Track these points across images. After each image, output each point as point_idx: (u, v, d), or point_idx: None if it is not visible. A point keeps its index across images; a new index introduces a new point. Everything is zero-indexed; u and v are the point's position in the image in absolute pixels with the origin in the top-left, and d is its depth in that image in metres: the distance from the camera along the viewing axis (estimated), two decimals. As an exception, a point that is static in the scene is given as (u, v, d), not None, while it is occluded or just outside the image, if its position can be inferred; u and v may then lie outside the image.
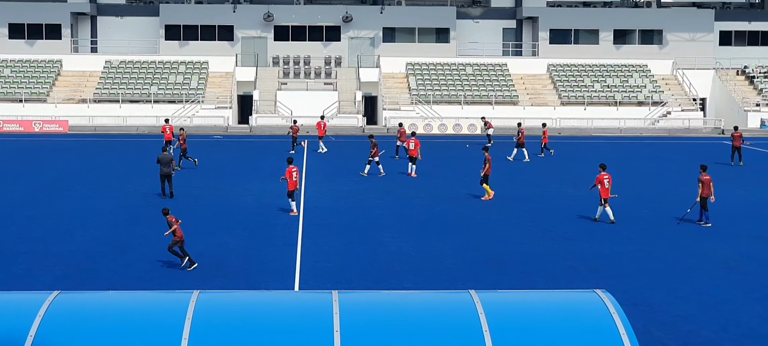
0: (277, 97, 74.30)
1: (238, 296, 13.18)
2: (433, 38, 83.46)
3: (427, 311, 11.92)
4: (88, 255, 26.07)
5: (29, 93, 73.96)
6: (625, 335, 11.16)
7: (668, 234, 30.11)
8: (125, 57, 79.25)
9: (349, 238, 28.81)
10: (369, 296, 13.26)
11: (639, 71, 79.96)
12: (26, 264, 24.92)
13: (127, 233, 29.39)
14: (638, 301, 21.49)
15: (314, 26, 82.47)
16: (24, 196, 37.00)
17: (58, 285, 21.84)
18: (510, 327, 11.33)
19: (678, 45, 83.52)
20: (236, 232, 29.63)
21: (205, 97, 74.51)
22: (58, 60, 78.40)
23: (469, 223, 31.65)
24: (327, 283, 22.89)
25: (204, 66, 78.28)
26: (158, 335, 11.03)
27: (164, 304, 12.04)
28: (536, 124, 72.60)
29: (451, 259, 26.11)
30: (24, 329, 10.97)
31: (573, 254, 26.85)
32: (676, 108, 75.73)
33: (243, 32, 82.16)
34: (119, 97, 73.77)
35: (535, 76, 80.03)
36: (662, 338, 18.91)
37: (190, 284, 22.53)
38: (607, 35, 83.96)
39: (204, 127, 70.63)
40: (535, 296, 13.08)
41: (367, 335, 11.13)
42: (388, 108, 74.08)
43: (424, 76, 78.04)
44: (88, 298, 12.50)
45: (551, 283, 23.38)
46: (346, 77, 78.15)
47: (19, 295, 13.47)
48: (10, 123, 69.35)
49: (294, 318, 11.55)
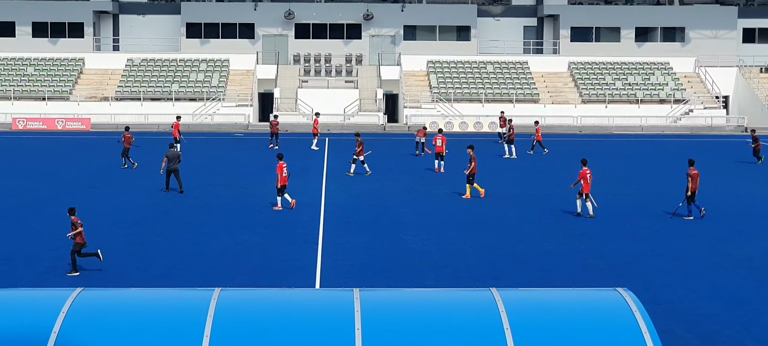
0: (298, 95, 74.38)
1: (259, 293, 13.20)
2: (454, 36, 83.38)
3: (448, 308, 11.90)
4: (110, 252, 26.14)
5: (52, 91, 74.31)
6: (647, 334, 11.11)
7: (691, 232, 29.98)
8: (147, 55, 79.51)
9: (370, 236, 28.82)
10: (390, 294, 13.25)
11: (661, 69, 79.63)
12: (49, 261, 25.04)
13: (149, 230, 29.50)
14: (660, 299, 21.40)
15: (335, 24, 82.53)
16: (47, 193, 37.18)
17: (81, 282, 21.95)
18: (531, 325, 11.30)
19: (700, 42, 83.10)
20: (257, 229, 29.68)
21: (226, 95, 74.67)
22: (81, 58, 78.74)
23: (489, 221, 31.61)
24: (348, 281, 22.90)
25: (225, 64, 78.45)
26: (180, 331, 11.06)
27: (186, 301, 12.08)
28: (558, 122, 72.53)
29: (472, 256, 26.08)
30: (48, 325, 11.03)
31: (594, 252, 26.78)
32: (698, 106, 75.39)
33: (264, 30, 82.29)
34: (141, 95, 74.02)
35: (556, 74, 79.81)
36: (685, 337, 18.84)
37: (211, 282, 22.58)
38: (629, 33, 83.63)
39: (225, 125, 70.79)
40: (557, 294, 13.04)
41: (388, 332, 11.13)
42: (409, 106, 74.06)
43: (445, 74, 77.98)
44: (110, 295, 12.55)
45: (572, 281, 23.33)
46: (367, 75, 78.15)
47: (42, 291, 13.55)
48: (33, 121, 69.69)
49: (315, 316, 11.56)
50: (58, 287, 19.38)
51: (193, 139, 59.30)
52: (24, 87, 74.64)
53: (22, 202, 34.94)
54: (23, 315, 11.35)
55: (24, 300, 12.09)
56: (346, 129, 69.00)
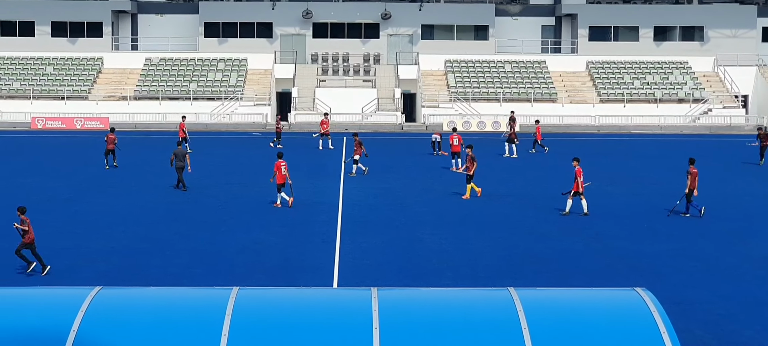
0: (316, 95, 74.43)
1: (277, 292, 13.22)
2: (471, 35, 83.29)
3: (466, 308, 11.89)
4: (128, 251, 26.25)
5: (71, 90, 74.60)
6: (666, 334, 11.07)
7: (709, 232, 29.86)
8: (165, 54, 79.72)
9: (388, 235, 28.82)
10: (408, 293, 13.24)
11: (680, 68, 79.34)
12: (68, 259, 25.14)
13: (167, 229, 29.58)
14: (679, 299, 21.32)
15: (353, 23, 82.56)
16: (66, 192, 37.34)
17: (100, 281, 22.01)
18: (549, 325, 11.27)
19: (720, 41, 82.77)
20: (275, 229, 29.71)
21: (244, 94, 74.79)
22: (99, 58, 79.02)
23: (507, 220, 31.57)
24: (366, 280, 22.90)
25: (243, 63, 78.58)
26: (198, 330, 11.09)
27: (204, 300, 12.10)
28: (575, 122, 72.38)
29: (490, 256, 26.05)
30: (67, 323, 11.07)
31: (612, 252, 26.71)
32: (717, 105, 75.08)
33: (282, 29, 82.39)
34: (159, 94, 74.22)
35: (574, 73, 79.63)
36: (704, 338, 18.76)
37: (229, 281, 22.62)
38: (648, 32, 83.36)
39: (243, 125, 70.92)
40: (575, 293, 13.00)
41: (406, 331, 11.13)
42: (427, 105, 74.02)
43: (463, 74, 77.91)
44: (129, 293, 12.58)
45: (590, 281, 23.27)
46: (385, 74, 78.15)
47: (61, 290, 13.61)
48: (52, 120, 69.97)
49: (333, 315, 11.56)
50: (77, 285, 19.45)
51: (211, 139, 59.46)
52: (43, 86, 74.94)
53: (40, 200, 35.08)
54: (42, 313, 11.40)
55: (43, 298, 12.14)
56: (363, 128, 69.04)
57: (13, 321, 11.18)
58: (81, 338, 10.90)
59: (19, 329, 11.03)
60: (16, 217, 23.76)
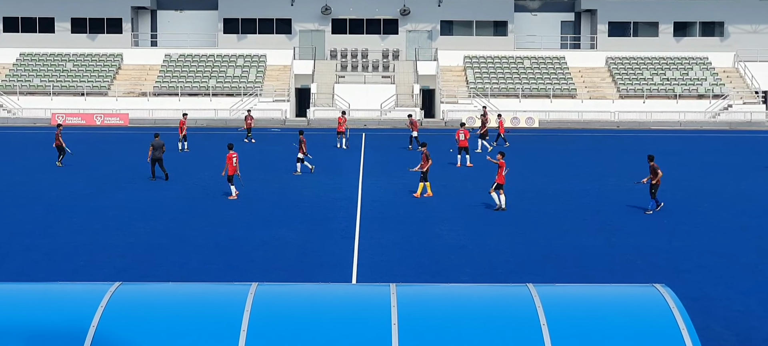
0: (335, 91, 74.50)
1: (295, 288, 13.24)
2: (490, 31, 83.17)
3: (485, 304, 11.87)
4: (147, 247, 26.34)
5: (91, 86, 74.91)
6: (685, 331, 11.03)
7: (728, 229, 29.74)
8: (184, 50, 79.96)
9: (407, 231, 28.82)
10: (426, 289, 13.24)
11: (699, 64, 79.03)
12: (88, 255, 25.24)
13: (185, 225, 29.65)
14: (698, 296, 21.24)
15: (372, 19, 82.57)
16: (86, 188, 37.49)
17: (119, 276, 22.10)
18: (568, 321, 11.24)
19: (740, 37, 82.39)
20: (294, 225, 29.75)
21: (263, 90, 74.94)
22: (119, 54, 79.31)
23: (526, 216, 31.52)
24: (384, 276, 22.90)
25: (262, 59, 78.72)
26: (217, 326, 11.11)
27: (223, 296, 12.12)
28: (595, 117, 72.21)
29: (508, 252, 26.01)
30: (86, 319, 11.11)
31: (631, 248, 26.62)
32: (737, 101, 74.78)
33: (301, 25, 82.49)
34: (178, 90, 74.45)
35: (593, 69, 79.43)
36: (723, 334, 18.69)
37: (248, 277, 22.66)
38: (667, 27, 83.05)
39: (262, 121, 71.01)
40: (594, 290, 12.97)
41: (424, 327, 11.13)
42: (446, 101, 73.98)
43: (482, 70, 77.82)
44: (148, 289, 12.62)
45: (609, 277, 23.20)
46: (404, 70, 78.15)
47: (81, 285, 13.66)
48: (72, 116, 70.27)
49: (352, 311, 11.56)
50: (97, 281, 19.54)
51: (230, 135, 59.56)
52: (63, 83, 75.27)
53: (60, 196, 35.25)
54: (62, 309, 11.45)
55: (63, 294, 12.19)
56: (382, 124, 69.07)
57: (33, 317, 11.24)
58: (100, 334, 10.94)
59: (39, 325, 11.08)
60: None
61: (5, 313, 11.29)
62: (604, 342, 10.97)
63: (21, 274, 22.91)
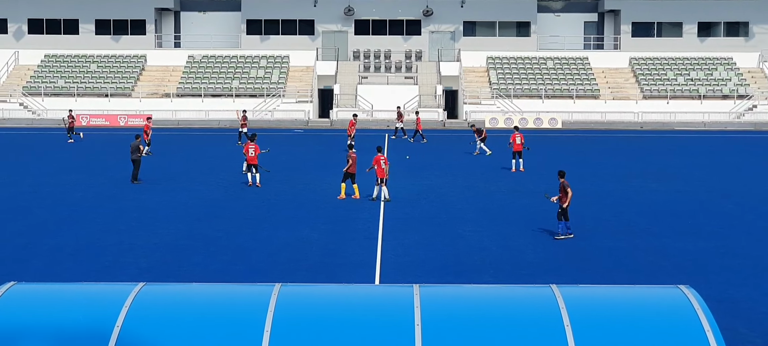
0: (358, 91, 74.56)
1: (319, 289, 13.25)
2: (513, 32, 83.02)
3: (508, 305, 11.85)
4: (171, 248, 26.43)
5: (114, 88, 75.24)
6: (710, 333, 10.98)
7: (753, 230, 29.58)
8: (207, 52, 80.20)
9: (430, 232, 28.80)
10: (450, 290, 13.23)
11: (724, 64, 78.63)
12: (112, 256, 25.35)
13: (209, 226, 29.73)
14: (723, 298, 21.13)
15: (394, 20, 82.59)
16: (110, 189, 37.65)
17: (143, 277, 22.18)
18: (592, 322, 11.21)
19: (765, 37, 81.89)
20: (317, 225, 29.78)
21: (286, 91, 75.07)
22: (143, 55, 79.63)
23: (549, 217, 31.40)
24: (408, 276, 22.90)
25: (285, 60, 78.85)
26: (241, 326, 11.14)
27: (247, 296, 12.15)
28: (618, 118, 71.99)
29: (532, 253, 25.96)
30: (111, 319, 11.16)
31: (655, 250, 26.52)
32: (762, 101, 74.36)
33: (323, 26, 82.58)
34: (201, 91, 74.68)
35: (616, 69, 79.17)
36: (748, 336, 18.59)
37: (272, 278, 22.70)
38: (691, 28, 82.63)
39: (285, 122, 71.18)
40: (618, 291, 12.92)
41: (448, 328, 11.12)
42: (469, 102, 73.92)
43: (505, 70, 77.70)
44: (172, 290, 12.67)
45: (633, 278, 23.12)
46: (427, 71, 78.12)
47: (106, 286, 13.73)
48: (96, 117, 70.65)
49: (375, 311, 11.57)
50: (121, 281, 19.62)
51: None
52: (87, 84, 75.65)
53: (85, 197, 35.42)
54: (87, 309, 11.50)
55: (88, 294, 12.25)
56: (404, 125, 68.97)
57: (58, 317, 11.30)
58: (125, 334, 10.99)
59: (63, 325, 11.14)
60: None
61: (31, 313, 11.36)
62: (628, 344, 10.93)
63: (46, 274, 23.04)
